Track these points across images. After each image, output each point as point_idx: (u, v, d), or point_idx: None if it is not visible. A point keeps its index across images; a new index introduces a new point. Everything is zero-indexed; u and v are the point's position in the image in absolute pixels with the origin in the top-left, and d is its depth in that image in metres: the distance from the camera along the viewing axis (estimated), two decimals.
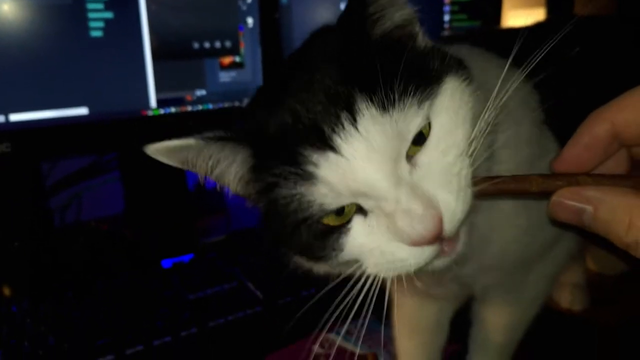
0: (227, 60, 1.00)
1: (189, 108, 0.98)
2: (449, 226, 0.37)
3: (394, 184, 0.36)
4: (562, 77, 0.55)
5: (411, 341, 0.64)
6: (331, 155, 0.36)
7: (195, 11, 0.95)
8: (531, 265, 0.56)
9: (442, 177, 0.37)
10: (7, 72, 0.81)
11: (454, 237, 0.39)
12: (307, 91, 0.38)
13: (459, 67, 0.41)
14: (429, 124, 0.38)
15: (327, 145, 0.36)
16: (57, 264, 0.91)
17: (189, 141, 0.41)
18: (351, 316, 0.47)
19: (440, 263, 0.40)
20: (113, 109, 0.91)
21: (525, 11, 1.49)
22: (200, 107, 0.99)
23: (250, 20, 1.00)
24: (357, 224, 0.39)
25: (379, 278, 0.41)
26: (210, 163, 0.42)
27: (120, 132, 0.93)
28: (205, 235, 1.08)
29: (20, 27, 0.81)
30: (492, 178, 0.38)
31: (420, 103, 0.37)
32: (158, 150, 0.42)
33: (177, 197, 1.03)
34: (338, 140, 0.35)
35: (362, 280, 0.42)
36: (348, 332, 0.73)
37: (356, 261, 0.41)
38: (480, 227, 0.49)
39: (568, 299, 0.79)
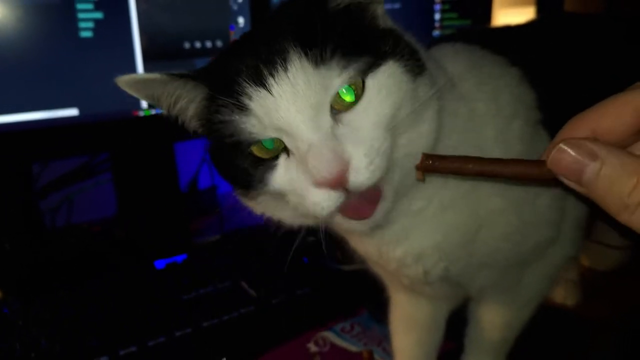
0: None
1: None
2: (353, 179, 0.41)
3: (312, 128, 0.41)
4: (557, 76, 0.55)
5: (407, 339, 0.64)
6: (263, 92, 0.41)
7: (186, 11, 0.95)
8: (526, 265, 0.55)
9: (357, 138, 0.41)
10: None
11: (373, 200, 0.43)
12: (262, 44, 0.43)
13: (410, 56, 0.45)
14: (362, 93, 0.42)
15: (261, 83, 0.41)
16: (49, 266, 0.90)
17: (156, 75, 0.45)
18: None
19: (358, 225, 0.44)
20: (104, 110, 0.90)
21: (516, 10, 1.50)
22: None
23: (241, 20, 1.00)
24: (282, 163, 0.44)
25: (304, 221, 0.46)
26: (172, 99, 0.46)
27: (112, 132, 0.92)
28: (198, 235, 1.07)
29: (8, 27, 0.81)
30: (450, 158, 0.38)
31: (347, 67, 0.41)
32: (127, 81, 0.47)
33: (170, 198, 1.02)
34: (271, 81, 0.41)
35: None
36: (343, 330, 0.73)
37: (282, 198, 0.45)
38: (465, 225, 0.49)
39: (562, 294, 0.80)
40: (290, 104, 0.40)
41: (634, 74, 0.59)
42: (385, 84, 0.42)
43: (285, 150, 0.43)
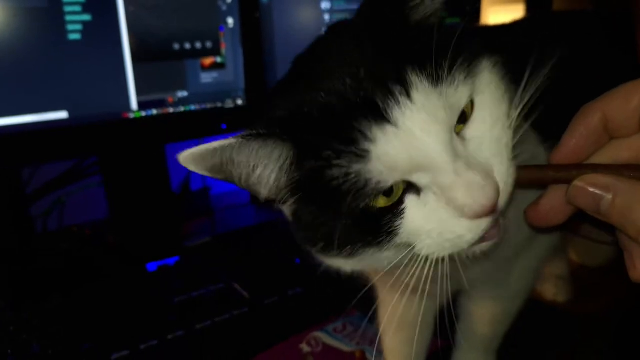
0: (208, 61, 0.99)
1: (171, 110, 0.97)
2: (503, 197, 0.38)
3: (452, 155, 0.36)
4: (539, 73, 0.56)
5: (397, 337, 0.64)
6: (389, 128, 0.35)
7: (175, 12, 0.94)
8: (516, 258, 0.56)
9: (494, 149, 0.38)
10: None
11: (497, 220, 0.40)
12: (349, 68, 0.37)
13: (486, 50, 0.43)
14: (472, 102, 0.39)
15: (383, 119, 0.35)
16: (40, 270, 0.89)
17: (229, 141, 0.36)
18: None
19: (489, 245, 0.41)
20: (93, 112, 0.90)
21: (505, 8, 1.51)
22: (182, 108, 0.98)
23: (230, 21, 0.99)
24: (411, 204, 0.38)
25: (433, 259, 0.40)
26: (249, 167, 0.38)
27: (102, 135, 0.91)
28: (190, 237, 1.07)
29: None
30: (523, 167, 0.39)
31: (465, 78, 0.38)
32: (193, 155, 0.36)
33: (161, 200, 1.02)
34: (395, 113, 0.35)
35: (417, 263, 0.41)
36: (335, 330, 0.73)
37: (408, 245, 0.40)
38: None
39: (552, 291, 0.80)
40: (426, 134, 0.35)
41: (617, 69, 0.60)
42: (492, 83, 0.40)
43: (409, 191, 0.38)
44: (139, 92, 0.93)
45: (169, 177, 1.03)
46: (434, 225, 0.38)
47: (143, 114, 0.94)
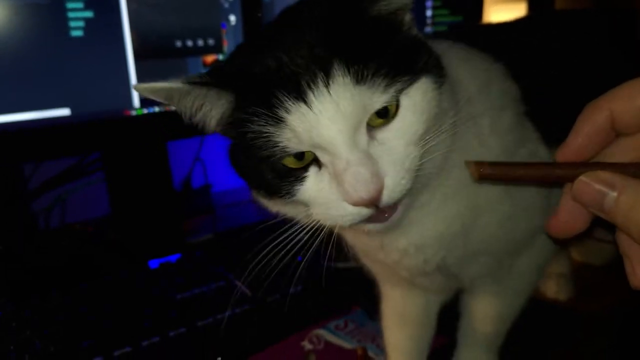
0: (210, 58, 0.99)
1: (173, 107, 0.97)
2: (386, 199, 0.42)
3: (350, 146, 0.40)
4: (539, 71, 0.56)
5: (399, 333, 0.65)
6: (303, 106, 0.40)
7: (177, 9, 0.94)
8: (517, 253, 0.56)
9: (393, 157, 0.42)
10: None
11: (392, 207, 0.44)
12: (292, 45, 0.41)
13: (437, 68, 0.45)
14: (397, 106, 0.42)
15: (301, 97, 0.40)
16: (42, 267, 0.90)
17: (177, 85, 0.43)
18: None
19: (374, 227, 0.46)
20: (96, 110, 0.90)
21: (507, 6, 1.51)
22: None
23: (232, 18, 0.99)
24: (312, 175, 0.44)
25: (321, 225, 0.45)
26: (194, 108, 0.46)
27: (104, 132, 0.92)
28: (192, 234, 1.07)
29: None
30: (500, 164, 0.40)
31: (388, 86, 0.41)
32: (146, 89, 0.45)
33: (163, 197, 1.02)
34: (311, 96, 0.40)
35: (308, 224, 0.47)
36: (337, 327, 0.73)
37: (305, 205, 0.45)
38: (464, 215, 0.50)
39: (554, 289, 0.80)
40: (331, 122, 0.40)
41: (618, 69, 0.60)
42: (419, 101, 0.43)
43: (316, 161, 0.43)
44: None
45: (171, 175, 1.03)
46: (323, 200, 0.43)
47: (145, 111, 0.94)
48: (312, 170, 0.44)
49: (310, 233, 0.47)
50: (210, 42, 0.98)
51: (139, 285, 0.81)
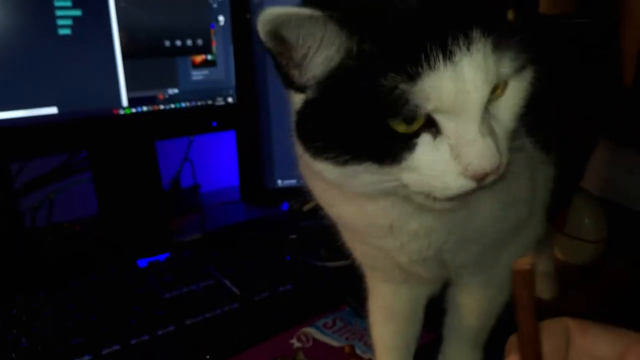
0: (199, 58, 0.99)
1: (161, 107, 0.97)
2: (493, 175, 0.40)
3: (482, 116, 0.39)
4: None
5: (386, 329, 0.65)
6: (449, 64, 0.37)
7: (166, 9, 0.94)
8: (504, 243, 0.57)
9: (503, 132, 0.42)
10: None
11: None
12: (437, 7, 0.38)
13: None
14: (505, 87, 0.41)
15: (447, 54, 0.37)
16: (29, 265, 0.89)
17: (315, 12, 0.37)
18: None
19: (448, 205, 0.44)
20: (84, 108, 0.90)
21: None
22: (172, 105, 0.98)
23: (221, 18, 1.00)
24: (425, 143, 0.40)
25: (407, 195, 0.44)
26: (315, 46, 0.39)
27: (92, 131, 0.91)
28: (180, 234, 1.07)
29: None
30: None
31: (515, 61, 0.40)
32: (280, 12, 0.37)
33: (152, 197, 1.02)
34: (458, 56, 0.37)
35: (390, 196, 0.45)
36: (325, 326, 0.74)
37: (403, 172, 0.42)
38: (471, 201, 0.50)
39: (538, 287, 0.81)
40: (474, 85, 0.38)
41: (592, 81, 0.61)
42: (522, 87, 0.42)
43: (428, 128, 0.40)
44: (129, 88, 0.93)
45: (160, 174, 1.03)
46: (435, 170, 0.40)
47: (133, 110, 0.94)
48: (426, 138, 0.40)
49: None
50: (199, 42, 0.99)
51: (128, 284, 0.81)
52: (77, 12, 0.86)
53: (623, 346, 0.33)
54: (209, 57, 1.00)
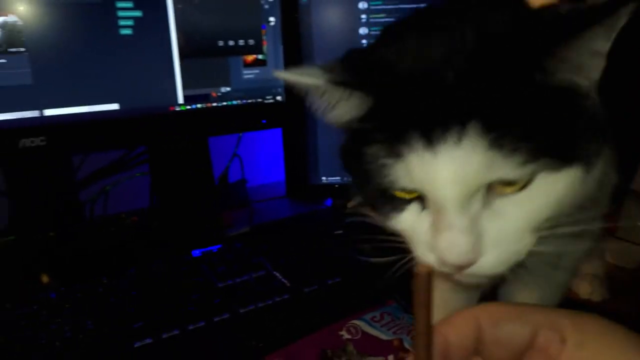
0: (250, 58, 1.03)
1: (214, 104, 1.01)
2: (473, 270, 0.39)
3: (460, 209, 0.37)
4: None
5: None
6: (428, 155, 0.36)
7: (220, 10, 0.98)
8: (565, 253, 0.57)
9: (500, 236, 0.38)
10: (42, 69, 0.85)
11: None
12: (440, 87, 0.37)
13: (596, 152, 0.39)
14: (527, 185, 0.37)
15: (430, 144, 0.36)
16: (91, 253, 0.94)
17: (317, 82, 0.40)
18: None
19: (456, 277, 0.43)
20: (143, 105, 0.94)
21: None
22: (224, 103, 1.01)
23: (272, 19, 1.03)
24: (414, 211, 0.42)
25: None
26: (330, 105, 0.42)
27: (150, 127, 0.96)
28: (228, 227, 1.11)
29: (53, 26, 0.85)
30: None
31: (528, 163, 0.35)
32: (285, 77, 0.42)
33: (204, 191, 1.06)
34: (440, 147, 0.36)
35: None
36: (373, 319, 0.76)
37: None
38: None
39: (588, 289, 0.81)
40: (449, 182, 0.36)
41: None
42: (557, 187, 0.37)
43: (421, 199, 0.41)
44: (185, 86, 0.97)
45: (212, 169, 1.07)
46: (417, 238, 0.42)
47: (188, 107, 0.98)
48: (415, 207, 0.41)
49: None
50: (251, 42, 1.02)
51: (184, 273, 0.85)
52: (138, 13, 0.91)
53: (532, 331, 0.34)
54: (260, 56, 1.03)
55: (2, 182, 0.98)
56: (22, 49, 0.82)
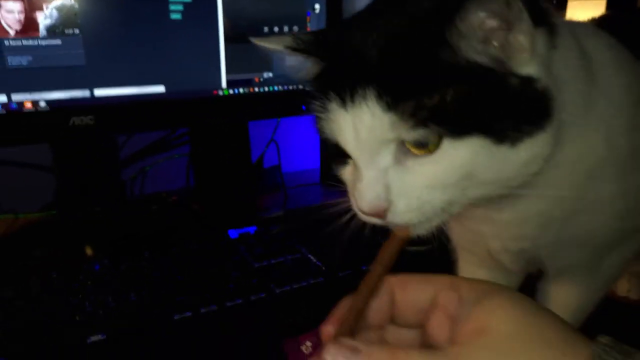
0: None
1: (256, 89, 1.03)
2: (391, 219, 0.43)
3: (367, 163, 0.42)
4: None
5: None
6: (341, 111, 0.42)
7: None
8: (611, 249, 0.57)
9: (407, 190, 0.42)
10: (95, 50, 0.88)
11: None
12: (358, 50, 0.42)
13: (526, 120, 0.41)
14: (436, 149, 0.40)
15: (342, 101, 0.42)
16: (133, 230, 0.98)
17: (277, 47, 0.47)
18: None
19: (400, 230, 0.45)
20: (187, 88, 0.97)
21: (584, 3, 1.47)
22: (266, 89, 1.03)
23: (317, 6, 1.04)
24: (351, 164, 0.46)
25: None
26: (295, 67, 0.49)
27: (193, 110, 0.98)
28: (263, 211, 1.13)
29: (106, 9, 0.88)
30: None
31: (424, 126, 0.39)
32: (257, 43, 0.50)
33: (242, 174, 1.08)
34: (348, 106, 0.41)
35: None
36: None
37: None
38: (567, 204, 0.50)
39: (625, 287, 0.80)
40: (353, 137, 0.42)
41: None
42: (460, 154, 0.40)
43: None
44: (229, 71, 0.99)
45: (250, 153, 1.09)
46: (350, 190, 0.46)
47: (231, 92, 1.00)
48: (350, 162, 0.46)
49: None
50: (295, 28, 1.03)
51: (221, 252, 0.88)
52: None
53: (435, 292, 0.38)
54: None
55: (49, 159, 1.02)
56: (77, 31, 0.86)
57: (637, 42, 0.54)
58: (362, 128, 0.41)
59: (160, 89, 0.95)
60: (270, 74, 1.03)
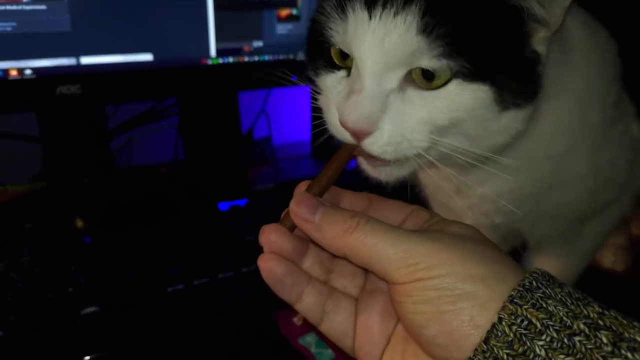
0: (284, 12, 1.01)
1: (246, 59, 1.01)
2: (366, 145, 0.41)
3: (374, 78, 0.40)
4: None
5: None
6: (365, 17, 0.40)
7: None
8: (588, 219, 0.58)
9: (400, 120, 0.41)
10: (80, 16, 0.85)
11: (383, 160, 0.43)
12: None
13: (523, 89, 0.42)
14: (441, 87, 0.40)
15: (368, 7, 0.40)
16: (122, 202, 0.97)
17: None
18: None
19: (363, 166, 0.47)
20: (176, 57, 0.94)
21: None
22: (256, 58, 1.01)
23: None
24: (338, 74, 0.45)
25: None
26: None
27: (181, 79, 0.96)
28: (253, 183, 1.12)
29: None
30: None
31: (445, 59, 0.39)
32: None
33: (232, 145, 1.07)
34: (376, 13, 0.39)
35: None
36: None
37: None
38: (542, 180, 0.52)
39: (611, 259, 0.82)
40: (373, 47, 0.39)
41: None
42: (462, 98, 0.40)
43: (349, 70, 0.44)
44: (218, 39, 0.96)
45: (240, 124, 1.08)
46: (328, 98, 0.44)
47: (220, 61, 0.98)
48: (341, 73, 0.44)
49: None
50: None
51: (211, 225, 0.87)
52: None
53: (406, 214, 0.41)
54: (294, 11, 1.02)
55: (36, 129, 1.00)
56: None
57: (614, 20, 0.55)
58: (386, 39, 0.39)
59: (148, 57, 0.92)
60: (261, 43, 1.01)
